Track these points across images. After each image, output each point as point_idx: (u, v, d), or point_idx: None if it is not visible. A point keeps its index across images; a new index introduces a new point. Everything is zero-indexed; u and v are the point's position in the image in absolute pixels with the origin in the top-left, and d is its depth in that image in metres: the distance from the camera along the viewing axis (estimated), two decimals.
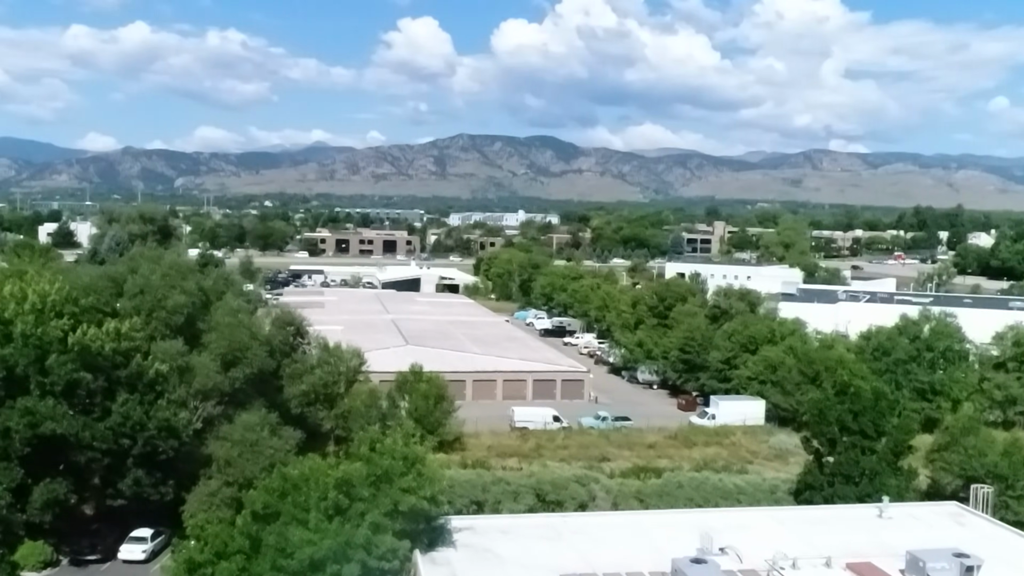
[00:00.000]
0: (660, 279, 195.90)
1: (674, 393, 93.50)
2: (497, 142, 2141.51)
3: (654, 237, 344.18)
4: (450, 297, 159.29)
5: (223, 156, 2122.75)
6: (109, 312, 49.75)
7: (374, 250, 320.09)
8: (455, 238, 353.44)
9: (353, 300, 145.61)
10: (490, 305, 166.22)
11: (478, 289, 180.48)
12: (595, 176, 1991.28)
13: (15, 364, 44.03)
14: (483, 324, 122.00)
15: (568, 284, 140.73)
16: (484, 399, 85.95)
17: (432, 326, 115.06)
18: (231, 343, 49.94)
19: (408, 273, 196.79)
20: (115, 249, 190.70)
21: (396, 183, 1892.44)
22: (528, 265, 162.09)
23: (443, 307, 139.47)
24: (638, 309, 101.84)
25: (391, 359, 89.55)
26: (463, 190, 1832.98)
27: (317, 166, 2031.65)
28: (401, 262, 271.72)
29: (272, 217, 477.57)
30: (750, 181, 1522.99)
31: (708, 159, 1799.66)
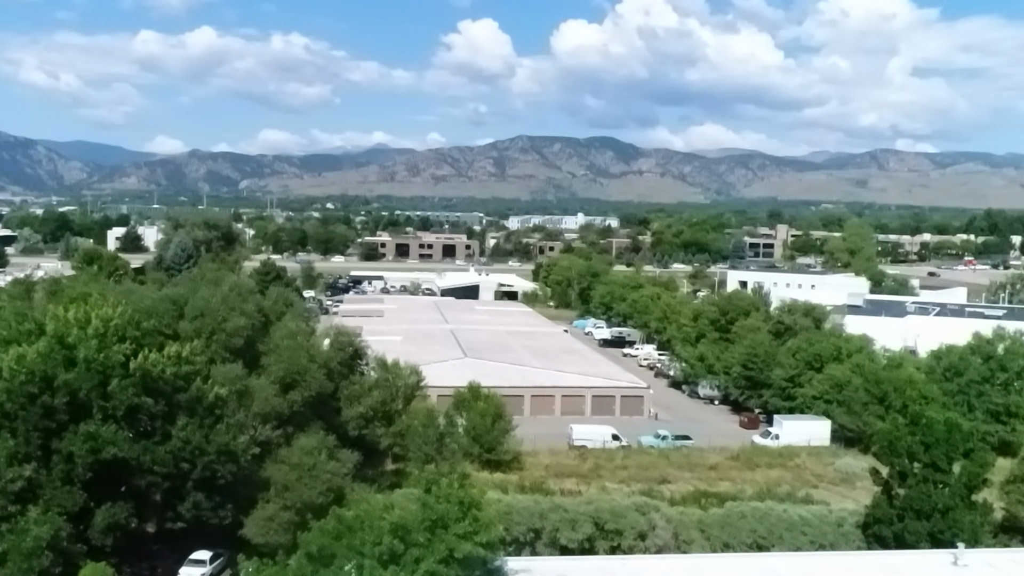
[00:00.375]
0: (721, 287, 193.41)
1: (736, 409, 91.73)
2: (556, 143, 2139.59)
3: (715, 242, 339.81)
4: (508, 305, 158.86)
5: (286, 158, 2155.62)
6: (170, 334, 50.13)
7: (433, 254, 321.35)
8: (514, 242, 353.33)
9: (412, 308, 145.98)
10: (549, 313, 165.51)
11: (537, 296, 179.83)
12: (655, 177, 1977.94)
13: (78, 389, 44.47)
14: (542, 335, 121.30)
15: (628, 294, 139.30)
16: (542, 414, 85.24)
17: (490, 337, 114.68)
18: (289, 366, 49.98)
19: (467, 280, 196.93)
20: (180, 255, 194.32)
21: (456, 185, 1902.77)
22: (587, 273, 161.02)
23: (501, 316, 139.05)
24: (699, 322, 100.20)
25: (449, 373, 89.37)
26: (522, 192, 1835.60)
27: (378, 168, 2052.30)
28: (460, 267, 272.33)
29: (333, 220, 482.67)
30: (814, 182, 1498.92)
31: (771, 159, 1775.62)
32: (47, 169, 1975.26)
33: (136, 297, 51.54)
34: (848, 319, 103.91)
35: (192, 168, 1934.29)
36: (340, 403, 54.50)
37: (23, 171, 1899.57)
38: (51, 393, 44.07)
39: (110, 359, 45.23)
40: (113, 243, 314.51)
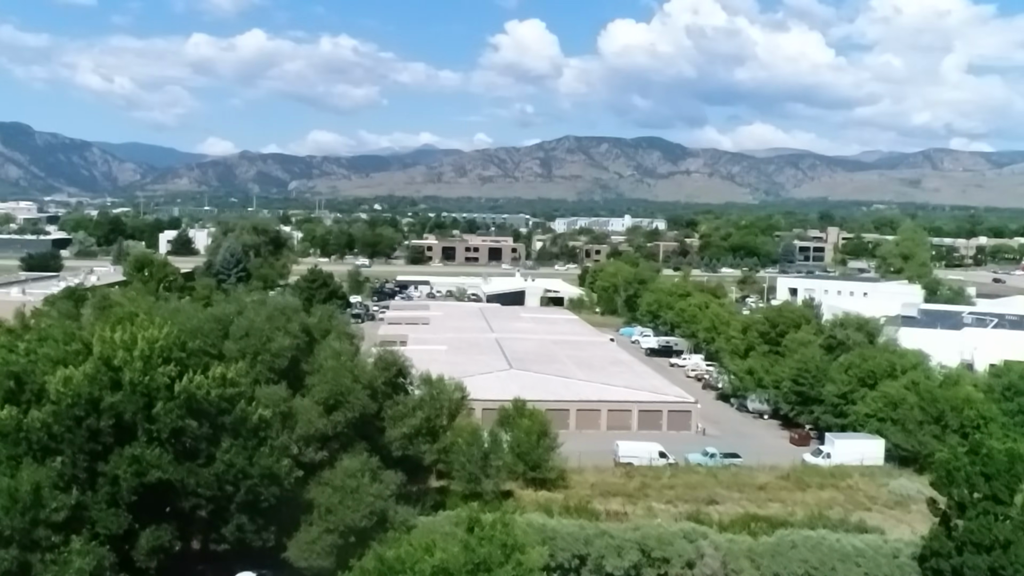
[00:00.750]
0: (771, 293, 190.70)
1: (786, 424, 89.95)
2: (603, 143, 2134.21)
3: (764, 245, 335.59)
4: (554, 313, 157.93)
5: (335, 159, 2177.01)
6: (215, 354, 50.11)
7: (479, 258, 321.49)
8: (560, 245, 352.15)
9: (458, 316, 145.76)
10: (595, 320, 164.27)
11: (583, 303, 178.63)
12: (703, 177, 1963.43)
13: (124, 411, 44.54)
14: (587, 344, 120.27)
15: (675, 302, 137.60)
16: (588, 429, 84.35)
17: (536, 346, 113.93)
18: (333, 387, 49.68)
19: (513, 285, 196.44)
20: (230, 261, 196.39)
21: (502, 185, 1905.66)
22: (634, 280, 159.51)
23: (547, 324, 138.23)
24: (748, 335, 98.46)
25: (494, 385, 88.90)
26: (569, 192, 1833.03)
27: (425, 169, 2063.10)
28: (506, 271, 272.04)
29: (380, 223, 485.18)
30: (865, 182, 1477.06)
31: (821, 159, 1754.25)
32: (102, 170, 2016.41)
33: (183, 316, 51.65)
34: (903, 331, 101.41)
35: (242, 169, 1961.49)
36: (384, 423, 54.10)
37: (79, 172, 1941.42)
38: (97, 416, 44.20)
39: (155, 381, 45.23)
40: (165, 246, 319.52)
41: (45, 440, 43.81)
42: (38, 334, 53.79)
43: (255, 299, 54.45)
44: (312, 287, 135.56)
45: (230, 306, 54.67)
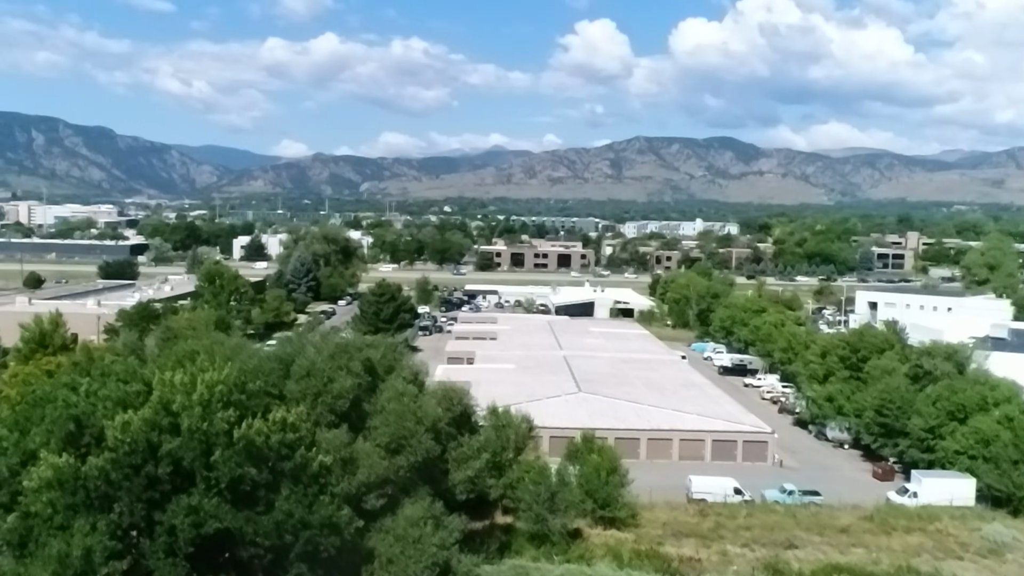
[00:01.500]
0: (849, 304, 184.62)
1: (868, 456, 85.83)
2: (674, 144, 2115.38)
3: (841, 252, 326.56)
4: (624, 326, 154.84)
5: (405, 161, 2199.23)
6: (276, 395, 48.91)
7: (548, 264, 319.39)
8: (630, 251, 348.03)
9: (526, 330, 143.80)
10: (666, 334, 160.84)
11: (653, 315, 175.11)
12: (776, 178, 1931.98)
13: (182, 458, 43.51)
14: (659, 363, 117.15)
15: (750, 318, 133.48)
16: (659, 458, 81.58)
17: (606, 366, 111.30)
18: (396, 430, 48.07)
19: (582, 296, 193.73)
20: (300, 270, 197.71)
21: (572, 186, 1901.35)
22: (707, 294, 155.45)
23: (617, 340, 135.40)
24: (828, 359, 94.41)
25: (563, 411, 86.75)
26: (639, 193, 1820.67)
27: (495, 170, 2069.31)
28: (575, 279, 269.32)
29: (450, 227, 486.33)
30: (946, 182, 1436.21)
31: (899, 159, 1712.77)
32: (180, 173, 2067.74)
33: (244, 354, 50.58)
34: (993, 356, 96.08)
35: (315, 171, 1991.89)
36: (448, 465, 52.32)
37: (158, 175, 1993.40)
38: (155, 463, 43.23)
39: (214, 427, 44.09)
40: (238, 252, 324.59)
41: (103, 489, 43.03)
42: (101, 370, 53.32)
43: (317, 344, 52.79)
44: (380, 301, 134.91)
45: (292, 344, 53.34)
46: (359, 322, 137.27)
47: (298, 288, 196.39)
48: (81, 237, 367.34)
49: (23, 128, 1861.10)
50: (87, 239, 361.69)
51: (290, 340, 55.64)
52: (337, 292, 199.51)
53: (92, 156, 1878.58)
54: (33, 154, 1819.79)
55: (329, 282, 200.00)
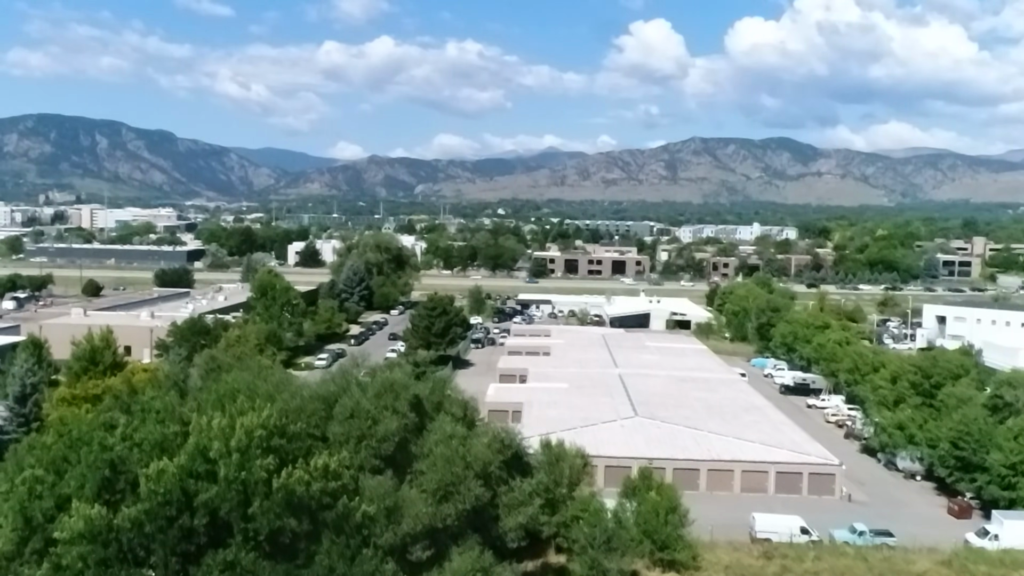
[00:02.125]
0: (915, 316, 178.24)
1: (943, 490, 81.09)
2: (731, 145, 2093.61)
3: (904, 258, 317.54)
4: (681, 341, 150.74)
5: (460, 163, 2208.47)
6: (319, 437, 46.67)
7: (602, 270, 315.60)
8: (686, 257, 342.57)
9: (580, 344, 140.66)
10: (724, 348, 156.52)
11: (711, 328, 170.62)
12: (835, 179, 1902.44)
13: (218, 508, 41.41)
14: (718, 383, 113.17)
15: (813, 335, 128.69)
16: (719, 490, 77.93)
17: (662, 386, 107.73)
18: (444, 476, 45.45)
19: (637, 307, 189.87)
20: (352, 279, 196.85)
21: (626, 188, 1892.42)
22: (767, 308, 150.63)
23: (674, 356, 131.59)
24: (899, 385, 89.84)
25: (619, 437, 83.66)
26: (694, 195, 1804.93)
27: (549, 172, 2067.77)
28: (630, 287, 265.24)
29: (503, 231, 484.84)
30: (1012, 183, 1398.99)
31: (962, 159, 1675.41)
32: (239, 175, 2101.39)
33: (286, 394, 48.36)
34: None
35: (371, 173, 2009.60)
36: (498, 511, 49.55)
37: (217, 177, 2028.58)
38: (191, 514, 41.24)
39: (253, 475, 41.93)
40: (293, 257, 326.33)
41: (136, 541, 41.09)
42: (141, 405, 51.57)
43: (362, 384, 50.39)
44: (432, 315, 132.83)
45: (336, 382, 51.01)
46: (411, 336, 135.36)
47: (351, 297, 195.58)
48: (140, 242, 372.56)
49: (87, 132, 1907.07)
50: (146, 244, 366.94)
51: (334, 377, 53.13)
52: (389, 301, 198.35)
53: (153, 159, 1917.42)
54: (97, 157, 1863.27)
55: (382, 291, 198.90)
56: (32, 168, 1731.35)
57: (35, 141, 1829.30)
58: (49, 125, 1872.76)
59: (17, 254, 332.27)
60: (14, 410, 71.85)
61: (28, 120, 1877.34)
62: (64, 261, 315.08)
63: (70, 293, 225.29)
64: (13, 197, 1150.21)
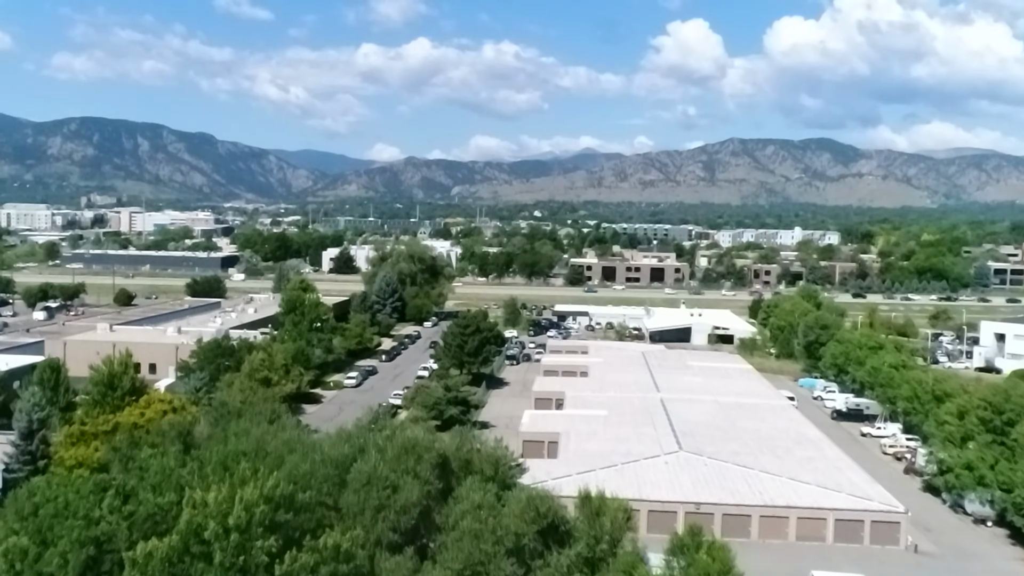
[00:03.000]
0: (970, 331, 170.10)
1: (1017, 538, 74.31)
2: (770, 146, 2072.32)
3: (954, 267, 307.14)
4: (725, 359, 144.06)
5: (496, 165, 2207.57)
6: (331, 506, 41.68)
7: (640, 278, 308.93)
8: (726, 264, 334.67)
9: (619, 363, 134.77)
10: (769, 366, 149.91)
11: (755, 344, 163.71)
12: (877, 180, 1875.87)
13: None
14: (767, 410, 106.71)
15: (866, 357, 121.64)
16: (773, 538, 71.79)
17: (707, 415, 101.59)
18: (471, 555, 40.19)
19: (677, 320, 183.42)
20: (385, 291, 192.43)
21: (664, 190, 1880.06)
22: (815, 324, 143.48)
23: (718, 377, 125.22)
24: (967, 421, 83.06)
25: (663, 476, 77.91)
26: (733, 196, 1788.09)
27: (586, 173, 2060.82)
28: (669, 297, 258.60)
29: (539, 236, 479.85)
30: None
31: (1008, 159, 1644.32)
32: (277, 177, 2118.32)
33: (296, 457, 43.39)
34: None
35: (408, 175, 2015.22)
36: None
37: (256, 179, 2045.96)
38: None
39: (252, 559, 36.96)
40: (327, 263, 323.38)
41: None
42: (139, 464, 46.86)
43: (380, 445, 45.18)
44: (465, 333, 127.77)
45: (351, 443, 45.91)
46: (443, 355, 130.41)
47: (383, 309, 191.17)
48: (175, 248, 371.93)
49: (130, 135, 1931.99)
50: (181, 250, 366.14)
51: (349, 436, 48.00)
52: (423, 313, 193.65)
53: (194, 161, 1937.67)
54: (139, 160, 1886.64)
55: (415, 303, 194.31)
56: (75, 170, 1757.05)
57: (78, 144, 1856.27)
58: (92, 128, 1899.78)
59: (53, 260, 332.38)
60: (19, 447, 67.58)
61: (72, 123, 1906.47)
62: (100, 267, 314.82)
63: (102, 302, 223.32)
64: (57, 199, 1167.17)
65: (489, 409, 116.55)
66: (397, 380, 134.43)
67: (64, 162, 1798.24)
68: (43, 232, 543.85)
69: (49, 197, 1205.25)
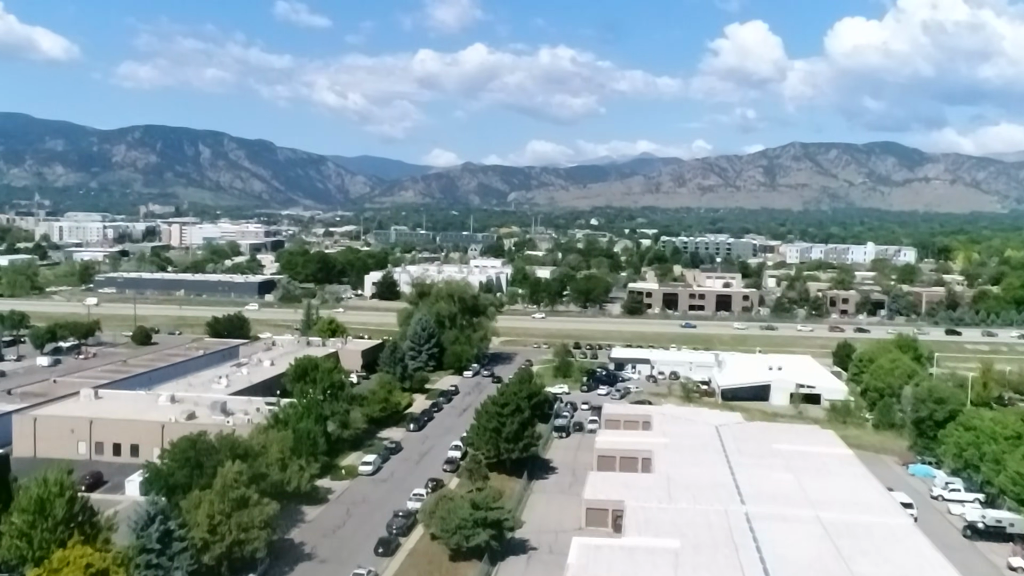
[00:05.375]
0: None
1: None
2: (832, 150, 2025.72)
3: None
4: (818, 441, 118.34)
5: (553, 170, 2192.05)
6: None
7: (705, 306, 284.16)
8: (798, 290, 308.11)
9: (689, 446, 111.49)
10: (868, 441, 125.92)
11: (848, 409, 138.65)
12: (944, 185, 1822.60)
13: None
14: (885, 535, 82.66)
15: (1005, 452, 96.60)
16: None
17: (810, 548, 78.13)
18: None
19: (753, 372, 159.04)
20: (421, 336, 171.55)
21: (723, 195, 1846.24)
22: (928, 398, 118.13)
23: (813, 473, 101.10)
24: None
25: None
26: (794, 202, 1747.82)
27: (643, 179, 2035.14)
28: (738, 334, 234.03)
29: (595, 252, 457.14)
30: None
31: None
32: (335, 183, 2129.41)
33: None
34: None
35: (464, 181, 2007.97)
36: None
37: (315, 186, 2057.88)
38: None
39: None
40: (369, 288, 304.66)
41: None
42: None
43: None
44: (503, 414, 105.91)
45: None
46: (475, 437, 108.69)
47: (418, 356, 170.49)
48: (215, 269, 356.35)
49: (191, 142, 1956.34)
50: (220, 272, 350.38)
51: None
52: (462, 361, 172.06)
53: (254, 168, 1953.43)
54: (200, 167, 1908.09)
55: (454, 349, 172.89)
56: (138, 178, 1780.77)
57: (142, 152, 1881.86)
58: (155, 136, 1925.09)
59: (87, 283, 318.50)
60: None
61: (136, 131, 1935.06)
62: (133, 292, 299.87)
63: (120, 339, 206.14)
64: (119, 206, 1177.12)
65: (530, 514, 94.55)
66: (424, 462, 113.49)
67: (128, 170, 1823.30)
68: (90, 247, 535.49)
69: (112, 204, 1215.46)
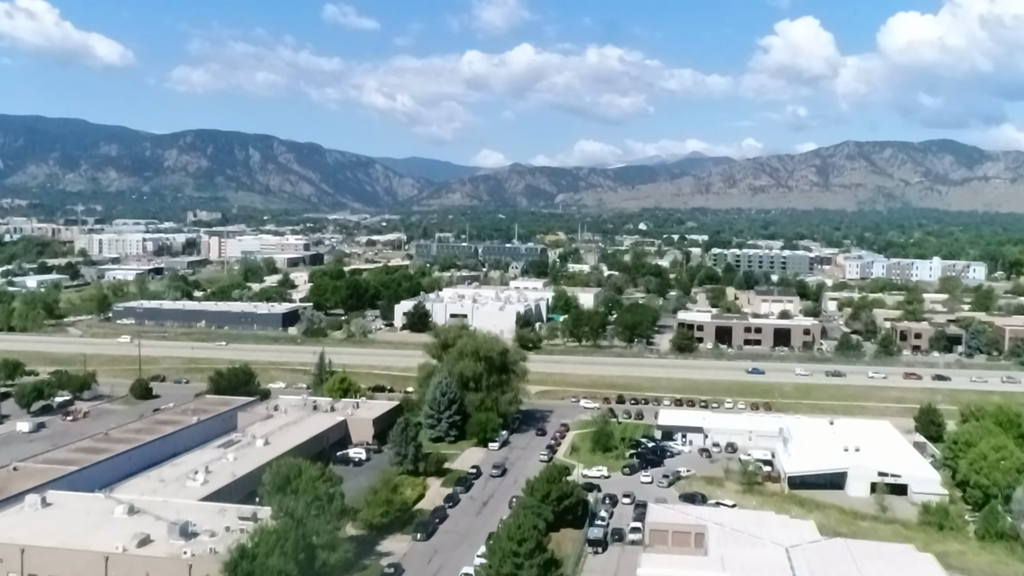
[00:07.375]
0: None
1: None
2: (887, 148, 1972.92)
3: None
4: (911, 561, 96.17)
5: (601, 171, 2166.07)
6: None
7: (762, 340, 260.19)
8: (864, 321, 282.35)
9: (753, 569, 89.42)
10: (975, 564, 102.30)
11: (946, 512, 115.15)
12: (1004, 183, 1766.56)
13: None
14: None
15: None
16: None
17: None
18: None
19: (827, 461, 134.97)
20: (441, 401, 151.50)
21: (775, 195, 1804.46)
22: None
23: None
24: None
25: None
26: (848, 202, 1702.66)
27: (693, 179, 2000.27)
28: (801, 380, 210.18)
29: (643, 268, 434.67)
30: None
31: None
32: (383, 186, 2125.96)
33: None
34: None
35: (512, 183, 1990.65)
36: None
37: (363, 188, 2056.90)
38: None
39: None
40: (400, 319, 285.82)
41: None
42: None
43: None
44: (519, 554, 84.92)
45: None
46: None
47: (437, 425, 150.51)
48: (241, 295, 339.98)
49: (241, 146, 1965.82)
50: (247, 297, 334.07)
51: None
52: (487, 430, 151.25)
53: (303, 171, 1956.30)
54: (250, 171, 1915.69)
55: (478, 417, 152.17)
56: (190, 182, 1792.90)
57: (193, 156, 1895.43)
58: (206, 140, 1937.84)
59: (104, 313, 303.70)
60: None
61: (187, 136, 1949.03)
62: (152, 324, 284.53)
63: (118, 394, 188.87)
64: (171, 211, 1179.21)
65: None
66: None
67: (179, 174, 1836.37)
68: (127, 263, 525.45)
69: (163, 209, 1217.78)
